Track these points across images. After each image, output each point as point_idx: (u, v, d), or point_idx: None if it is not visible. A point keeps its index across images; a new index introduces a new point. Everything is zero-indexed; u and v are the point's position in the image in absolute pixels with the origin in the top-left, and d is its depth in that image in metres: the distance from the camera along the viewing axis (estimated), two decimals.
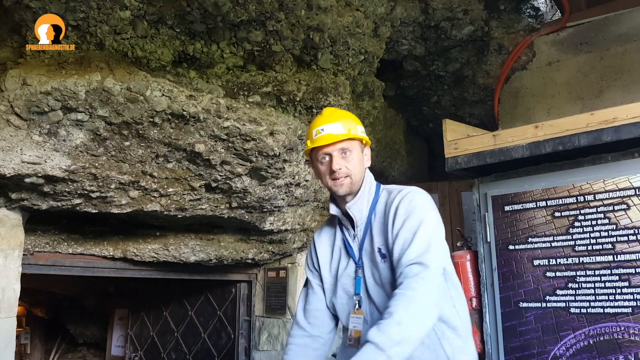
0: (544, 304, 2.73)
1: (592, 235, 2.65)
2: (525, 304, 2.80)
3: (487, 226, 2.99)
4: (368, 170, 1.85)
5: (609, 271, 2.57)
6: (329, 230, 1.94)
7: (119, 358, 6.02)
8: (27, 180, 2.42)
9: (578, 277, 2.66)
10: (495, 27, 3.82)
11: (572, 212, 2.72)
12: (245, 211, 3.22)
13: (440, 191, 4.37)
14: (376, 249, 1.72)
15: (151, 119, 2.43)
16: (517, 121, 3.82)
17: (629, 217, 2.56)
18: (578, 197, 2.72)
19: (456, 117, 4.11)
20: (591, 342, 2.56)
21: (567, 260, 2.70)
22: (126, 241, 3.51)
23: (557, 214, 2.77)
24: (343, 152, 1.73)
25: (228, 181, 2.87)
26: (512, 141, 2.86)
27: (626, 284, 2.52)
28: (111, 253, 3.51)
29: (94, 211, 2.79)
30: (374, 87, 3.66)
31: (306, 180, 3.22)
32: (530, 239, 2.84)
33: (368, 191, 1.80)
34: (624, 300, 2.51)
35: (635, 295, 2.49)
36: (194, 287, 4.83)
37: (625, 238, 2.56)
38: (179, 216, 3.04)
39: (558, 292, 2.70)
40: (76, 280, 5.52)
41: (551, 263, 2.75)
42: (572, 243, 2.70)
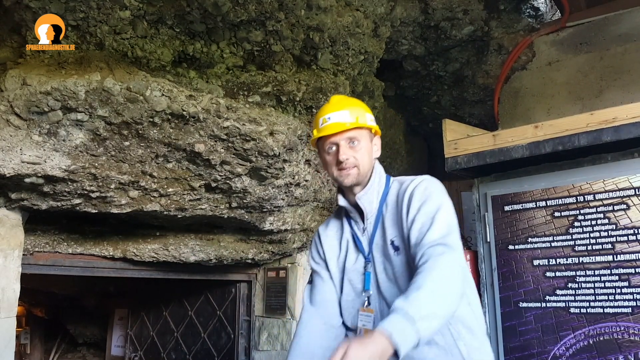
0: (544, 304, 2.74)
1: (592, 235, 2.65)
2: (525, 304, 2.80)
3: (487, 226, 2.99)
4: (377, 161, 1.76)
5: (609, 271, 2.58)
6: (336, 223, 1.83)
7: (119, 358, 6.02)
8: (27, 180, 2.42)
9: (578, 277, 2.66)
10: (495, 27, 3.81)
11: (572, 212, 2.72)
12: (245, 211, 3.22)
13: None
14: (389, 241, 1.62)
15: (151, 119, 2.43)
16: (517, 121, 3.82)
17: (629, 217, 2.56)
18: (578, 197, 2.72)
19: (456, 117, 4.11)
20: (591, 342, 2.56)
21: (567, 260, 2.70)
22: (126, 241, 3.51)
23: (557, 214, 2.77)
24: (351, 142, 1.64)
25: (228, 181, 2.87)
26: (512, 141, 2.87)
27: (626, 284, 2.52)
28: (111, 253, 3.51)
29: (94, 211, 2.79)
30: (374, 87, 3.65)
31: (306, 180, 3.22)
32: (530, 239, 2.84)
33: (378, 182, 1.71)
34: (624, 300, 2.51)
35: (635, 295, 2.49)
36: (194, 287, 4.82)
37: (625, 238, 2.56)
38: (179, 216, 3.04)
39: (558, 292, 2.70)
40: (76, 280, 5.52)
41: (551, 263, 2.75)
42: (572, 243, 2.71)
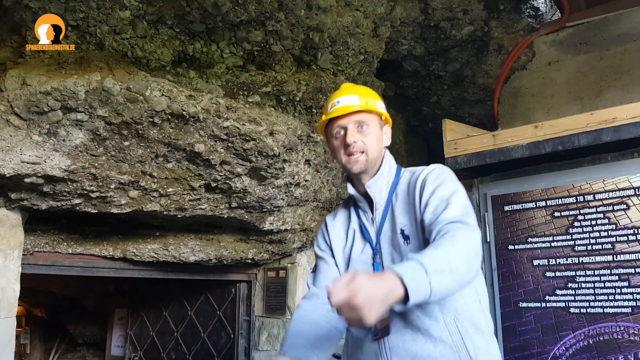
0: (544, 304, 2.73)
1: (592, 235, 2.65)
2: (524, 304, 2.80)
3: (487, 226, 2.99)
4: (388, 150, 1.71)
5: (609, 271, 2.58)
6: (344, 213, 1.78)
7: (119, 358, 6.02)
8: (27, 180, 2.42)
9: (578, 277, 2.66)
10: (494, 27, 3.81)
11: (572, 212, 2.72)
12: (245, 211, 3.22)
13: None
14: (398, 231, 1.57)
15: (151, 119, 2.43)
16: (517, 121, 3.82)
17: (629, 217, 2.56)
18: (578, 197, 2.72)
19: (456, 117, 4.11)
20: (591, 342, 2.56)
21: (567, 260, 2.70)
22: (126, 241, 3.51)
23: (557, 214, 2.77)
24: (359, 126, 1.59)
25: (228, 181, 2.87)
26: (512, 141, 2.87)
27: (626, 284, 2.52)
28: (111, 253, 3.51)
29: (94, 211, 2.79)
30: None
31: (306, 180, 3.22)
32: (529, 239, 2.84)
33: (388, 172, 1.66)
34: (624, 300, 2.51)
35: (634, 295, 2.49)
36: (194, 287, 4.82)
37: (624, 238, 2.56)
38: (179, 216, 3.04)
39: (558, 292, 2.70)
40: (76, 280, 5.53)
41: (551, 263, 2.75)
42: (572, 243, 2.70)
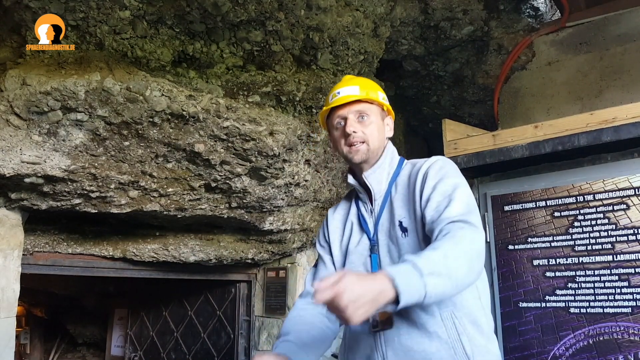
0: (544, 304, 2.74)
1: (592, 235, 2.65)
2: (524, 304, 2.80)
3: (487, 226, 2.99)
4: (390, 142, 1.70)
5: (609, 271, 2.58)
6: (345, 205, 1.77)
7: (119, 358, 6.02)
8: (27, 180, 2.42)
9: (577, 277, 2.66)
10: (494, 27, 3.81)
11: (572, 212, 2.72)
12: (244, 211, 3.22)
13: None
14: (396, 222, 1.54)
15: (151, 119, 2.43)
16: (517, 121, 3.82)
17: (629, 217, 2.56)
18: (577, 197, 2.72)
19: (456, 117, 4.11)
20: (591, 342, 2.56)
21: (567, 260, 2.70)
22: (126, 241, 3.51)
23: (557, 214, 2.77)
24: (360, 116, 1.59)
25: (228, 181, 2.87)
26: (512, 141, 2.87)
27: (626, 284, 2.52)
28: (111, 253, 3.51)
29: (94, 211, 2.79)
30: None
31: (306, 180, 3.22)
32: (529, 239, 2.84)
33: (389, 163, 1.64)
34: (624, 300, 2.51)
35: (634, 295, 2.49)
36: (194, 287, 4.82)
37: (624, 238, 2.56)
38: (179, 216, 3.04)
39: (558, 292, 2.70)
40: (76, 280, 5.53)
41: (551, 263, 2.75)
42: (572, 243, 2.70)
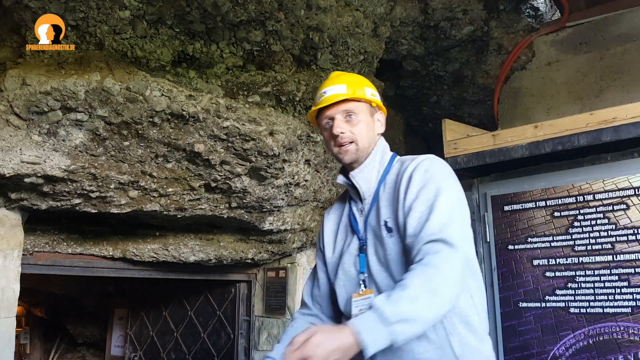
0: (544, 304, 2.73)
1: (592, 235, 2.65)
2: (524, 304, 2.80)
3: (487, 226, 2.99)
4: (382, 138, 1.68)
5: (609, 271, 2.57)
6: (339, 206, 1.75)
7: (119, 358, 6.02)
8: (27, 180, 2.42)
9: (577, 277, 2.66)
10: (494, 27, 3.81)
11: (572, 212, 2.72)
12: (244, 211, 3.22)
13: None
14: (382, 222, 1.51)
15: (150, 119, 2.43)
16: (517, 121, 3.82)
17: (629, 217, 2.56)
18: (577, 197, 2.72)
19: (456, 117, 4.11)
20: (590, 342, 2.56)
21: (567, 260, 2.70)
22: (125, 241, 3.51)
23: (557, 214, 2.77)
24: (347, 115, 1.56)
25: (227, 181, 2.87)
26: (512, 141, 2.86)
27: (625, 284, 2.52)
28: (110, 253, 3.51)
29: (94, 211, 2.79)
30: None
31: (305, 180, 3.22)
32: (529, 239, 2.84)
33: (379, 161, 1.62)
34: (624, 300, 2.51)
35: (634, 295, 2.49)
36: (194, 287, 4.82)
37: (624, 238, 2.56)
38: (179, 216, 3.04)
39: (557, 292, 2.70)
40: (75, 280, 5.52)
41: (550, 263, 2.75)
42: (572, 243, 2.70)
